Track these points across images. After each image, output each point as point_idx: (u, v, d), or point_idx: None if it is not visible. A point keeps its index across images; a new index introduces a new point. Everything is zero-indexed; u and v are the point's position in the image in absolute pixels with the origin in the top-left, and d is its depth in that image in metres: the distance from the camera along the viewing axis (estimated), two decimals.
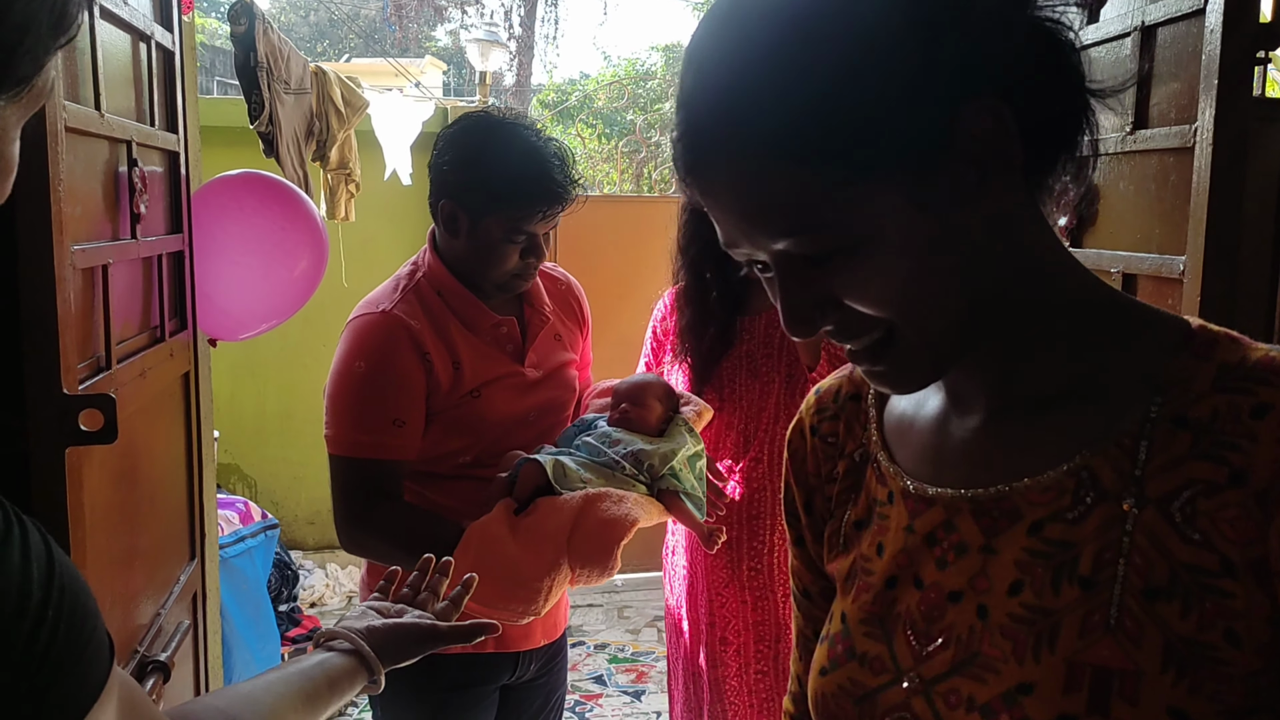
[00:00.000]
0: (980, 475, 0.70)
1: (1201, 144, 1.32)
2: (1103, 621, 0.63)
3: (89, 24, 1.44)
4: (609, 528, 1.60)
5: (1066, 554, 0.65)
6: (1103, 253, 1.57)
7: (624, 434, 1.77)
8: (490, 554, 1.58)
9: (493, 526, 1.61)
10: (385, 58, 13.83)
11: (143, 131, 1.69)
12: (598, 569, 1.60)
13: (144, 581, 1.70)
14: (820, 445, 0.86)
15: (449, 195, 1.71)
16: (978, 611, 0.68)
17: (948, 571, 0.71)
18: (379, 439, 1.66)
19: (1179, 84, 1.41)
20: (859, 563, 0.78)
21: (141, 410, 1.68)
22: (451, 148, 1.72)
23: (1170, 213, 1.42)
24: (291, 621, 4.07)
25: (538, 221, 1.69)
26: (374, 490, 1.68)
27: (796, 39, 0.61)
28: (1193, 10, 1.35)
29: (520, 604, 1.58)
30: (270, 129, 3.32)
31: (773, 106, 0.61)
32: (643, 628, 4.60)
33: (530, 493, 1.66)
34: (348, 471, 1.68)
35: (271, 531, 3.25)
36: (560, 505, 1.63)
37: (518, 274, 1.74)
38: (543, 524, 1.61)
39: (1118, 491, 0.64)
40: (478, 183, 1.68)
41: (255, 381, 5.09)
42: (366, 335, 1.68)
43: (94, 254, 1.43)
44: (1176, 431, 0.63)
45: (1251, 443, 0.60)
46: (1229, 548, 0.60)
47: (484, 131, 1.72)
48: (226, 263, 2.18)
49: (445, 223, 1.72)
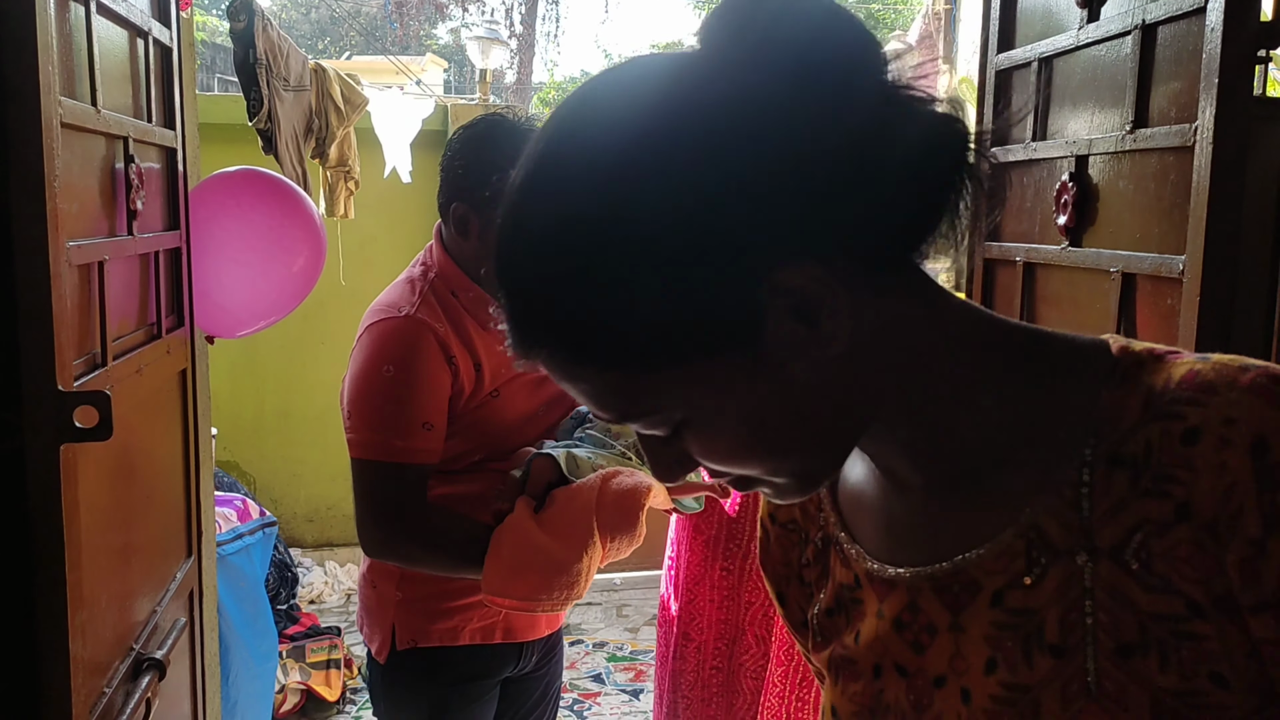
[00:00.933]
0: (934, 550, 0.66)
1: (1202, 143, 1.31)
2: (1082, 689, 0.59)
3: (85, 19, 1.44)
4: (630, 496, 1.66)
5: (1031, 622, 0.62)
6: (1102, 252, 1.57)
7: (619, 425, 1.80)
8: (523, 549, 1.61)
9: (520, 522, 1.64)
10: (386, 55, 13.83)
11: (140, 128, 1.69)
12: (627, 536, 1.66)
13: (140, 578, 1.70)
14: (781, 533, 0.82)
15: (462, 198, 1.71)
16: (961, 696, 0.65)
17: (926, 656, 0.67)
18: (410, 443, 1.65)
19: (1179, 83, 1.40)
20: (838, 652, 0.75)
21: (138, 407, 1.68)
22: (465, 150, 1.72)
23: (1170, 212, 1.42)
24: (290, 619, 4.07)
25: None
26: (406, 495, 1.68)
27: (582, 246, 0.57)
28: (1193, 8, 1.34)
29: (562, 590, 1.63)
30: (269, 126, 3.31)
31: (576, 315, 0.58)
32: (641, 626, 4.59)
33: (544, 488, 1.69)
34: (377, 476, 1.67)
35: (270, 529, 3.24)
36: (579, 488, 1.68)
37: None
38: (566, 509, 1.65)
39: (1069, 546, 0.61)
40: (491, 185, 1.68)
41: (254, 379, 5.09)
42: (392, 339, 1.67)
43: (90, 250, 1.42)
44: (1113, 472, 0.60)
45: (1189, 472, 0.56)
46: (1191, 588, 0.57)
47: (498, 135, 1.72)
48: (224, 259, 2.17)
49: (457, 224, 1.72)
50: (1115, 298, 1.50)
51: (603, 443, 1.77)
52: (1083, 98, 1.66)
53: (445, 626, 1.77)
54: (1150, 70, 1.46)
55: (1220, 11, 1.28)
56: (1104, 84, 1.58)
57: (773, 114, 0.56)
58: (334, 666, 3.88)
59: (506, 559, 1.60)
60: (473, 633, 1.78)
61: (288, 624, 4.01)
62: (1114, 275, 1.51)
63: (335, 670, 3.88)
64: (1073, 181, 1.62)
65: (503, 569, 1.60)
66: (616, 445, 1.76)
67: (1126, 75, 1.50)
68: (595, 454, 1.74)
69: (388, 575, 1.79)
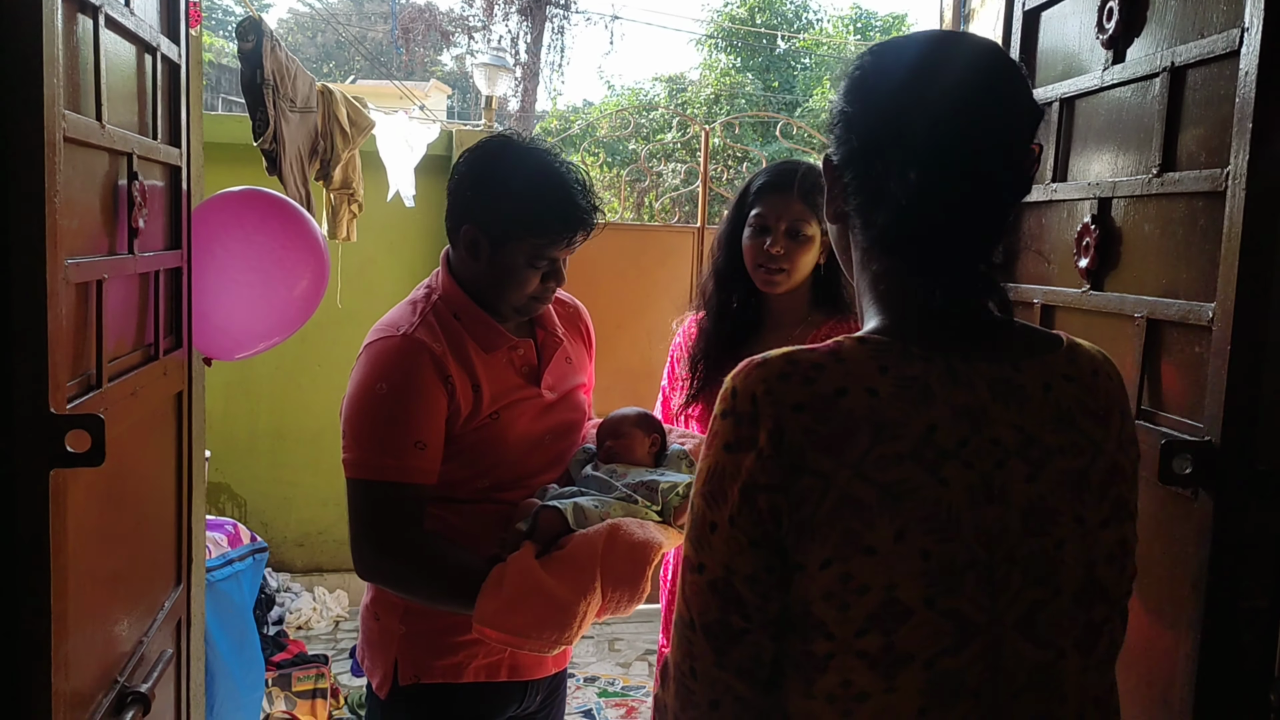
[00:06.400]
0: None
1: (1234, 188, 1.28)
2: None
3: (93, 32, 1.41)
4: (639, 549, 1.61)
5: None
6: (1125, 297, 1.53)
7: (624, 467, 1.76)
8: (523, 583, 1.57)
9: (523, 558, 1.61)
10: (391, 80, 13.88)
11: (144, 144, 1.65)
12: (629, 591, 1.60)
13: (127, 608, 1.64)
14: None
15: (471, 220, 1.69)
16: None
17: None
18: (403, 462, 1.63)
19: (1209, 126, 1.37)
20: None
21: (131, 430, 1.63)
22: (474, 172, 1.71)
23: (1198, 258, 1.38)
24: (277, 646, 3.99)
25: (561, 248, 1.70)
26: (399, 515, 1.65)
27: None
28: (1226, 52, 1.32)
29: (554, 630, 1.57)
30: (274, 147, 3.28)
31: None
32: (633, 661, 4.53)
33: (551, 539, 1.65)
34: (370, 496, 1.65)
35: (260, 555, 3.18)
36: (588, 534, 1.63)
37: (536, 297, 1.74)
38: (574, 553, 1.61)
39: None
40: (502, 209, 1.67)
41: (248, 400, 5.03)
42: (388, 357, 1.65)
43: (89, 268, 1.38)
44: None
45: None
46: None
47: (506, 157, 1.71)
48: (225, 280, 2.13)
49: (466, 247, 1.71)
50: (1140, 343, 1.46)
51: (607, 485, 1.73)
52: (1106, 139, 1.63)
53: (450, 662, 1.72)
54: (1179, 113, 1.43)
55: (1255, 56, 1.25)
56: (1129, 126, 1.55)
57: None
58: (320, 696, 3.80)
59: (504, 591, 1.57)
60: (477, 670, 1.74)
61: (275, 650, 3.93)
62: (1138, 320, 1.47)
63: (321, 700, 3.81)
64: (1095, 224, 1.59)
65: (498, 601, 1.56)
66: (620, 487, 1.72)
67: (1154, 118, 1.47)
68: (602, 502, 1.70)
69: (391, 608, 1.74)
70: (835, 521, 0.88)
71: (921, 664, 0.88)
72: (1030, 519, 0.92)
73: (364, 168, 4.39)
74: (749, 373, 0.93)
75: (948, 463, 0.90)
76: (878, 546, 0.88)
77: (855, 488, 0.88)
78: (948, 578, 0.88)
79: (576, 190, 1.68)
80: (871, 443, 0.89)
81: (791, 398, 0.90)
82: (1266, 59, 1.25)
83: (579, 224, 1.68)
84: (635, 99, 17.66)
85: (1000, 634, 0.91)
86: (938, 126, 0.94)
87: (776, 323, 2.04)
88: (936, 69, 0.98)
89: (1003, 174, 0.97)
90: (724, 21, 18.13)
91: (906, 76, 0.99)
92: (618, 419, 1.85)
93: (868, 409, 0.90)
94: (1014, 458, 0.92)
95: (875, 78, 1.01)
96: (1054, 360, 0.99)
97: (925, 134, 0.94)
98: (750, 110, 15.62)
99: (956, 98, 0.95)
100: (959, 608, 0.89)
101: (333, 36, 21.96)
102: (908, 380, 0.92)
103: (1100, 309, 1.58)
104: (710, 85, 16.69)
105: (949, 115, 0.94)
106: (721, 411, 0.95)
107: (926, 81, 0.97)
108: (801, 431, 0.89)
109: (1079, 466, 0.95)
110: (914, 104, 0.96)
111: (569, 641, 1.60)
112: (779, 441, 0.89)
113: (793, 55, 18.62)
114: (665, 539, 1.66)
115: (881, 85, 1.00)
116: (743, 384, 0.93)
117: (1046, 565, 0.92)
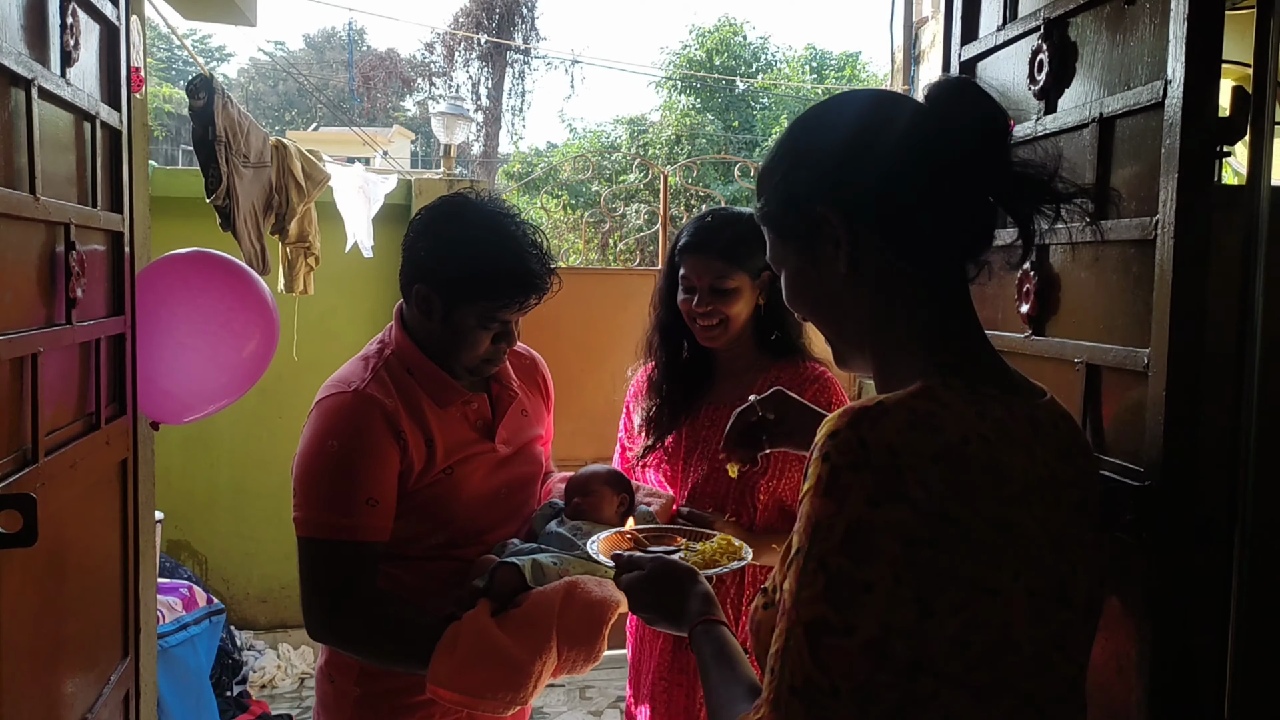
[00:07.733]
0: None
1: (1163, 236, 1.30)
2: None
3: (25, 105, 1.40)
4: (596, 608, 1.61)
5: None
6: (1065, 342, 1.55)
7: (589, 525, 1.75)
8: (478, 643, 1.56)
9: (478, 617, 1.59)
10: (353, 127, 13.88)
11: (83, 213, 1.64)
12: (585, 649, 1.60)
13: (70, 684, 1.60)
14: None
15: (424, 280, 1.69)
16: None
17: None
18: (354, 520, 1.61)
19: (1138, 175, 1.40)
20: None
21: (72, 503, 1.60)
22: (429, 232, 1.70)
23: (1133, 304, 1.40)
24: (239, 707, 3.91)
25: (513, 310, 1.70)
26: (351, 575, 1.62)
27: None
28: (1151, 103, 1.34)
29: (509, 691, 1.56)
30: (227, 203, 3.26)
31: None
32: (605, 709, 4.47)
33: (508, 597, 1.63)
34: (321, 555, 1.62)
35: (217, 617, 3.12)
36: (543, 592, 1.63)
37: (487, 359, 1.74)
38: (530, 611, 1.60)
39: None
40: (455, 271, 1.67)
41: (207, 455, 4.97)
42: (339, 414, 1.64)
43: (22, 343, 1.36)
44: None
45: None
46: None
47: (461, 217, 1.70)
48: (172, 344, 2.11)
49: (419, 305, 1.71)
50: (1080, 388, 1.48)
51: (569, 543, 1.72)
52: None
53: None
54: (1109, 162, 1.46)
55: (1178, 107, 1.28)
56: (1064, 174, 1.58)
57: (923, 144, 1.05)
58: None
59: (458, 651, 1.55)
60: None
61: (237, 712, 3.85)
62: (1078, 366, 1.49)
63: None
64: (1034, 271, 1.61)
65: (453, 660, 1.54)
66: (581, 545, 1.70)
67: (1086, 167, 1.49)
68: (562, 559, 1.68)
69: (347, 669, 1.71)
70: (969, 566, 0.91)
71: (1021, 696, 0.95)
72: (1057, 544, 0.99)
73: (321, 219, 4.37)
74: (872, 423, 0.92)
75: (1034, 501, 0.97)
76: (999, 588, 0.92)
77: (984, 533, 0.92)
78: (1043, 610, 0.95)
79: (530, 254, 1.68)
80: (993, 488, 0.94)
81: (928, 448, 0.92)
82: (1189, 110, 1.27)
83: (531, 288, 1.68)
84: (597, 141, 17.79)
85: (1043, 651, 0.98)
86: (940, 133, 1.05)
87: (727, 370, 2.04)
88: (896, 101, 1.12)
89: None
90: (682, 64, 18.35)
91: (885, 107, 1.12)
92: (588, 476, 1.84)
93: (987, 456, 0.94)
94: (1053, 490, 1.00)
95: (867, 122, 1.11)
96: (1049, 400, 1.07)
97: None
98: (711, 151, 15.78)
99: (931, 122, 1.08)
100: (1046, 637, 0.96)
101: (294, 85, 21.98)
102: (998, 423, 0.97)
103: (1043, 354, 1.60)
104: (671, 126, 16.86)
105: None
106: (849, 464, 0.91)
107: (901, 107, 1.10)
108: (942, 482, 0.91)
109: (1080, 498, 1.03)
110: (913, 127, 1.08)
111: (524, 701, 1.59)
112: (929, 493, 0.91)
113: (751, 95, 18.87)
114: (623, 598, 1.65)
115: (883, 134, 1.08)
116: (872, 435, 0.91)
117: (1069, 587, 0.99)
